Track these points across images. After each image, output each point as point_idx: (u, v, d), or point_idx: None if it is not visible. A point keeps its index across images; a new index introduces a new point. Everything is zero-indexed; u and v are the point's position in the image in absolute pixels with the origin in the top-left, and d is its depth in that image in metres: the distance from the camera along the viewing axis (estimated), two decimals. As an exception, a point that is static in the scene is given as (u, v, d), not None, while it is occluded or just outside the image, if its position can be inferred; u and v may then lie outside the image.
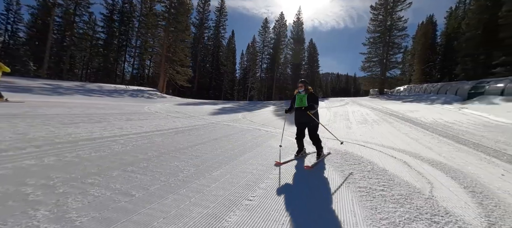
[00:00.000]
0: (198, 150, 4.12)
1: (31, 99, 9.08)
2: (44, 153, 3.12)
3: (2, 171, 2.41)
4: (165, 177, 2.70)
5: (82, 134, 4.43)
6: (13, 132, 3.95)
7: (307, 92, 3.91)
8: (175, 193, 2.30)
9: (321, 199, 2.38)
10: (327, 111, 15.59)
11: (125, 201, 2.05)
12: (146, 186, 2.40)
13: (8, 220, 1.61)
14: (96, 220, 1.72)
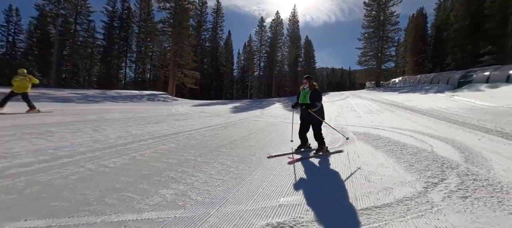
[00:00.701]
0: (254, 137, 5.43)
1: (58, 108, 9.59)
2: (165, 141, 4.41)
3: (166, 146, 3.71)
4: (256, 150, 4.02)
5: (163, 131, 5.70)
6: (120, 131, 5.21)
7: (311, 88, 3.89)
8: (265, 157, 3.63)
9: (368, 155, 3.73)
10: (332, 105, 17.00)
11: (243, 166, 3.37)
12: (250, 156, 3.71)
13: (188, 170, 2.92)
14: (233, 173, 3.03)
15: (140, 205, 1.92)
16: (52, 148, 3.52)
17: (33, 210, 1.74)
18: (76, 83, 36.70)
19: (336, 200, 2.18)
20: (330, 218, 1.82)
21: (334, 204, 2.08)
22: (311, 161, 3.53)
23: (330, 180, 2.73)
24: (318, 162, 3.45)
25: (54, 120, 6.32)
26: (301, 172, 2.96)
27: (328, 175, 2.91)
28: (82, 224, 1.61)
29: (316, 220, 1.78)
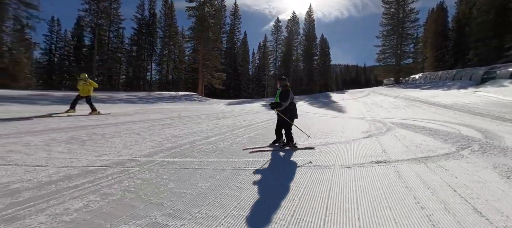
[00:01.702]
0: (313, 127, 7.02)
1: (113, 110, 9.85)
2: (252, 128, 6.13)
3: (259, 131, 5.42)
4: (331, 136, 5.62)
5: (239, 124, 7.45)
6: (209, 124, 7.02)
7: (282, 88, 4.12)
8: (347, 136, 5.22)
9: (411, 136, 5.21)
10: (356, 102, 18.20)
11: (336, 146, 4.98)
12: (333, 136, 5.32)
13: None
14: (324, 153, 4.65)
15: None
16: (192, 132, 5.34)
17: (214, 154, 3.46)
18: (109, 86, 40.12)
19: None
20: (407, 161, 3.40)
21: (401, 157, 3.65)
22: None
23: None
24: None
25: (145, 117, 8.25)
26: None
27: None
28: (233, 158, 3.30)
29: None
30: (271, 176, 2.88)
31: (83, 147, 3.87)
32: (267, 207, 2.05)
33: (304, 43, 52.82)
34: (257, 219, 1.85)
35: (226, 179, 2.72)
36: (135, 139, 4.66)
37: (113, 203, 2.05)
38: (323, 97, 29.04)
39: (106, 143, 4.18)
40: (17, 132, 4.57)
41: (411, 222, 1.80)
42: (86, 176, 2.65)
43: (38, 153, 3.35)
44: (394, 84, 34.17)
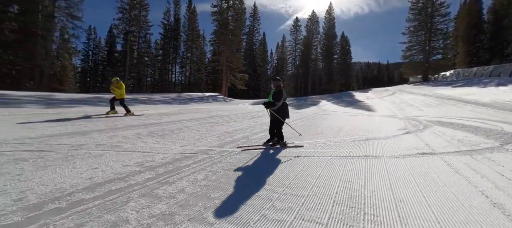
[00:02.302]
0: (350, 124, 7.42)
1: (157, 111, 10.83)
2: (288, 128, 6.70)
3: (297, 129, 5.97)
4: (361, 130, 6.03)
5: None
6: (256, 121, 7.70)
7: (276, 89, 4.24)
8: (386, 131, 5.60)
9: (450, 132, 5.45)
10: (382, 101, 17.96)
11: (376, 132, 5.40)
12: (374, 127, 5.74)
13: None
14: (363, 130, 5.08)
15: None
16: (239, 129, 6.04)
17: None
18: (139, 88, 43.07)
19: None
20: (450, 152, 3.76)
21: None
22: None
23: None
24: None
25: (191, 117, 9.16)
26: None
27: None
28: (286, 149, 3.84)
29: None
30: (338, 161, 3.43)
31: (165, 139, 4.72)
32: (354, 180, 2.63)
33: (323, 42, 52.19)
34: (351, 190, 2.43)
35: (292, 163, 3.33)
36: (198, 134, 5.46)
37: (224, 176, 2.76)
38: (346, 96, 28.71)
39: (178, 137, 5.02)
40: (107, 128, 5.59)
41: (468, 197, 2.26)
42: (188, 159, 3.42)
43: (139, 143, 4.23)
44: (421, 82, 32.68)
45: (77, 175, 2.63)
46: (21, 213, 1.81)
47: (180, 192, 2.32)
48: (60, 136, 4.40)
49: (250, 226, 1.74)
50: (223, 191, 2.36)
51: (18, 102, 8.91)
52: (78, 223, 1.72)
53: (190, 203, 2.09)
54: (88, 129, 5.20)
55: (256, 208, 2.03)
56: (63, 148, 3.60)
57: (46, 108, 8.39)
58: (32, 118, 6.22)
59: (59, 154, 3.32)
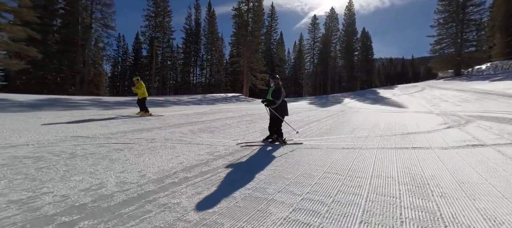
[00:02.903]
0: (382, 120, 7.47)
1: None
2: (323, 124, 6.93)
3: (332, 125, 6.19)
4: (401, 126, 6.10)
5: (305, 119, 8.29)
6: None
7: (275, 87, 4.28)
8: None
9: (497, 126, 5.36)
10: (411, 97, 17.34)
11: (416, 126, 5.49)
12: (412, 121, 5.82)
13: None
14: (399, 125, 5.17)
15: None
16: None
17: (314, 139, 4.30)
18: (163, 91, 45.46)
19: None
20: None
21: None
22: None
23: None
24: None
25: (226, 115, 9.69)
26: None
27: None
28: (336, 141, 4.06)
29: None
30: (388, 152, 3.68)
31: (215, 134, 5.25)
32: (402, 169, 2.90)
33: (343, 39, 50.92)
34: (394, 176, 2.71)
35: (345, 155, 3.63)
36: (241, 130, 5.94)
37: (286, 163, 3.15)
38: (369, 93, 27.94)
39: (226, 133, 5.53)
40: (163, 126, 6.28)
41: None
42: (246, 150, 3.87)
43: (197, 138, 4.79)
44: (453, 76, 30.71)
45: (168, 161, 3.18)
46: (152, 185, 2.35)
47: (256, 174, 2.75)
48: (131, 132, 5.10)
49: (330, 199, 2.10)
50: (293, 174, 2.75)
51: (79, 105, 10.11)
52: (196, 192, 2.21)
53: (272, 181, 2.51)
54: (148, 127, 5.91)
55: (332, 188, 2.39)
56: (141, 142, 4.24)
57: (104, 109, 9.44)
58: (100, 117, 7.14)
59: (141, 146, 3.94)
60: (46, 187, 2.19)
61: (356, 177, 2.63)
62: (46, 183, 2.27)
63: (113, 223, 1.66)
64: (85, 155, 3.24)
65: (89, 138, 4.29)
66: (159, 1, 36.05)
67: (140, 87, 8.19)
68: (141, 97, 8.15)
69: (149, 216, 1.79)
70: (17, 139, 3.88)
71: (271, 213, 1.85)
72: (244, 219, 1.75)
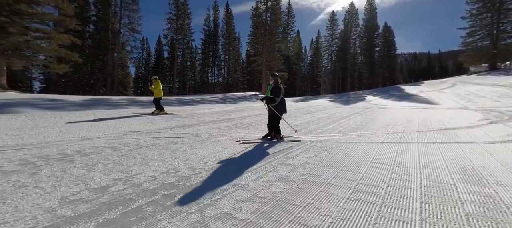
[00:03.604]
0: (414, 117, 7.31)
1: (194, 110, 13.45)
2: (350, 122, 6.95)
3: (361, 122, 6.20)
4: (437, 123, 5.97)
5: (332, 116, 8.33)
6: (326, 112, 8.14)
7: (274, 84, 4.32)
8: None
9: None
10: (442, 94, 16.46)
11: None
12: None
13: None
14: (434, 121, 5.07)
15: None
16: (304, 122, 6.56)
17: (344, 134, 4.37)
18: (183, 91, 47.22)
19: None
20: None
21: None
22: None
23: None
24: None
25: (254, 113, 9.97)
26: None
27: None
28: (367, 137, 4.08)
29: None
30: (431, 146, 3.73)
31: (250, 130, 5.56)
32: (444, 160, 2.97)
33: (363, 35, 49.19)
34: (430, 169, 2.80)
35: (388, 148, 3.74)
36: (274, 126, 6.18)
37: (328, 155, 3.35)
38: (393, 90, 26.86)
39: (260, 128, 5.81)
40: (200, 122, 6.74)
41: None
42: (286, 144, 4.11)
43: (235, 133, 5.13)
44: (487, 71, 28.43)
45: (219, 152, 3.52)
46: (219, 171, 2.69)
47: (305, 163, 2.99)
48: (175, 128, 5.58)
49: (385, 184, 2.28)
50: (340, 163, 2.95)
51: (120, 104, 10.97)
52: (258, 177, 2.50)
53: (323, 170, 2.73)
54: (188, 123, 6.38)
55: (383, 175, 2.56)
56: (188, 136, 4.66)
57: (141, 108, 10.17)
58: (142, 114, 7.79)
59: (190, 139, 4.35)
60: (134, 170, 2.61)
61: (404, 167, 2.76)
62: (132, 167, 2.70)
63: (205, 197, 2.00)
64: (149, 146, 3.69)
65: (143, 132, 4.80)
66: (180, 4, 37.42)
67: (157, 86, 8.27)
68: (157, 97, 8.23)
69: (228, 192, 2.11)
70: (88, 133, 4.47)
71: (333, 194, 2.08)
72: (311, 197, 2.00)
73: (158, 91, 8.24)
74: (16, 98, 9.07)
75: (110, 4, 27.19)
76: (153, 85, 8.30)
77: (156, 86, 8.26)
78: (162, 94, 8.38)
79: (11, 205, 1.74)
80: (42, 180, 2.20)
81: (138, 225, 1.58)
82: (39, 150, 3.08)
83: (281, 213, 1.75)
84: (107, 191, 2.04)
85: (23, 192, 1.93)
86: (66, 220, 1.58)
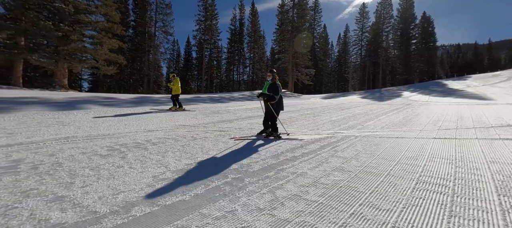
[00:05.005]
0: (467, 113, 6.71)
1: (228, 107, 13.73)
2: (390, 118, 6.61)
3: (401, 119, 5.86)
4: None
5: (369, 112, 8.00)
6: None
7: (273, 81, 4.21)
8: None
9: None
10: (494, 89, 14.68)
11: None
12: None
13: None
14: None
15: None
16: (342, 118, 6.43)
17: (385, 130, 4.12)
18: (210, 89, 49.07)
19: None
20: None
21: None
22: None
23: None
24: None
25: (287, 109, 10.01)
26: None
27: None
28: (407, 133, 3.79)
29: None
30: (496, 143, 3.48)
31: (290, 125, 5.68)
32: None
33: (398, 26, 45.68)
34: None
35: (449, 145, 3.57)
36: (309, 122, 6.23)
37: (366, 151, 3.32)
38: (433, 85, 24.65)
39: (299, 124, 5.90)
40: (238, 118, 7.07)
41: None
42: (329, 139, 4.15)
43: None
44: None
45: (266, 144, 3.72)
46: (271, 160, 2.88)
47: (356, 156, 3.02)
48: (217, 122, 5.95)
49: (452, 177, 2.23)
50: (396, 156, 2.92)
51: (163, 101, 11.87)
52: (313, 166, 2.63)
53: (379, 162, 2.75)
54: (226, 119, 6.74)
55: (447, 168, 2.50)
56: (233, 130, 4.96)
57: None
58: (185, 112, 8.41)
59: (235, 133, 4.63)
60: (198, 157, 2.93)
61: (468, 162, 2.66)
62: (196, 155, 3.02)
63: (269, 181, 2.20)
64: (202, 138, 4.05)
65: (192, 126, 5.23)
66: (208, 6, 38.79)
67: (175, 83, 8.33)
68: (175, 93, 8.31)
69: (290, 178, 2.28)
70: (147, 126, 5.03)
71: (396, 184, 2.11)
72: (374, 186, 2.07)
73: (176, 88, 8.34)
74: (79, 97, 10.44)
75: (147, 9, 29.38)
76: (172, 82, 8.44)
77: (174, 83, 8.36)
78: (180, 91, 8.48)
79: (119, 180, 2.13)
80: (132, 162, 2.61)
81: (223, 199, 1.83)
82: (117, 140, 3.60)
83: (348, 198, 1.86)
84: (185, 173, 2.35)
85: (122, 171, 2.34)
86: (166, 192, 1.91)
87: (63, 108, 6.96)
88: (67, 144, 3.21)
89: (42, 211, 1.55)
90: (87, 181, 2.05)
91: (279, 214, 1.62)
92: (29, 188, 1.87)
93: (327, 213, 1.62)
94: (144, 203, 1.72)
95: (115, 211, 1.60)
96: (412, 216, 1.55)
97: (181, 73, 52.69)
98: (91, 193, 1.84)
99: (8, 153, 2.72)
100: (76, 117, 5.51)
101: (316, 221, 1.52)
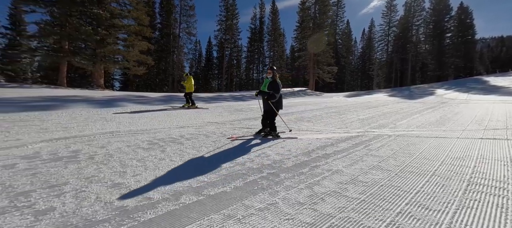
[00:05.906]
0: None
1: (250, 105, 13.60)
2: (423, 117, 6.13)
3: (435, 119, 5.39)
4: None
5: (398, 111, 7.52)
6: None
7: (273, 79, 4.09)
8: None
9: None
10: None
11: None
12: None
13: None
14: None
15: None
16: (370, 116, 6.12)
17: (416, 130, 3.76)
18: (230, 87, 49.93)
19: None
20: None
21: None
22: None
23: None
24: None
25: (304, 108, 9.84)
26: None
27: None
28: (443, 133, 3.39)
29: None
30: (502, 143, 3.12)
31: (316, 123, 5.59)
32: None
33: (430, 19, 42.28)
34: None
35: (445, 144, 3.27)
36: (336, 121, 6.06)
37: (424, 146, 3.13)
38: (472, 82, 22.49)
39: (324, 122, 5.77)
40: (260, 116, 7.13)
41: None
42: (356, 138, 4.01)
43: (302, 126, 5.25)
44: None
45: (295, 141, 3.70)
46: (303, 157, 2.87)
47: (393, 155, 2.89)
48: (243, 120, 6.07)
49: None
50: (433, 161, 2.75)
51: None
52: (347, 164, 2.57)
53: (422, 162, 2.60)
54: (252, 116, 6.83)
55: (499, 169, 2.29)
56: (259, 127, 5.01)
57: (205, 103, 11.32)
58: (209, 108, 8.71)
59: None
60: (232, 153, 3.03)
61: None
62: (228, 150, 3.13)
63: (305, 177, 2.20)
64: (231, 134, 4.16)
65: (219, 123, 5.40)
66: (229, 6, 39.42)
67: (188, 81, 8.44)
68: (188, 91, 8.41)
69: (325, 175, 2.26)
70: (179, 122, 5.31)
71: (444, 185, 1.99)
72: (419, 185, 1.98)
73: (189, 86, 8.45)
74: (114, 95, 11.31)
75: (172, 12, 30.73)
76: (185, 81, 8.59)
77: (187, 81, 8.48)
78: (193, 89, 8.61)
79: (164, 170, 2.29)
80: (171, 155, 2.79)
81: (263, 192, 1.88)
82: (154, 135, 3.85)
83: (391, 196, 1.81)
84: (222, 167, 2.45)
85: (165, 163, 2.51)
86: (207, 183, 2.01)
87: (103, 105, 7.60)
88: (113, 137, 3.52)
89: (105, 195, 1.73)
90: (136, 171, 2.24)
91: (321, 208, 1.62)
92: (90, 175, 2.10)
93: (371, 210, 1.59)
94: (190, 192, 1.84)
95: (166, 198, 1.73)
96: (467, 217, 1.47)
97: (203, 72, 54.39)
98: (142, 181, 2.01)
99: (67, 144, 3.06)
100: (116, 115, 5.98)
101: (361, 218, 1.50)
